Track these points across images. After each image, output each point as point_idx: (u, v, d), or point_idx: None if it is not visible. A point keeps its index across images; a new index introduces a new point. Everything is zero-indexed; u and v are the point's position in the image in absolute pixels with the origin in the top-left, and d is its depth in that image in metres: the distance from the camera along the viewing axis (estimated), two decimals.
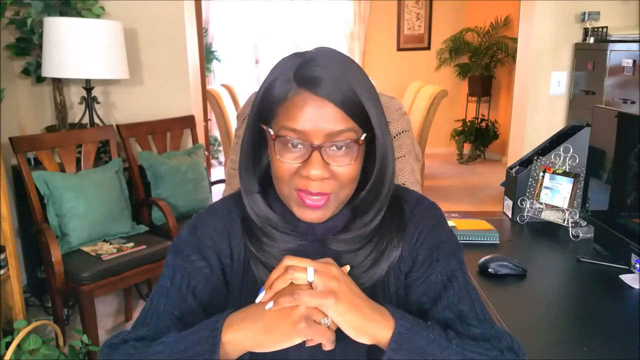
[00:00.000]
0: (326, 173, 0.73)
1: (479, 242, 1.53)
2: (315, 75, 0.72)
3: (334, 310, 0.66)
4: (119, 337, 0.74)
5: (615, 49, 2.73)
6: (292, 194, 0.76)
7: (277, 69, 0.76)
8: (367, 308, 0.68)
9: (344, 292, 0.67)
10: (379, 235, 0.80)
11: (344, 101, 0.72)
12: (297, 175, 0.74)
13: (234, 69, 6.08)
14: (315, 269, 0.68)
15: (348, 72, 0.74)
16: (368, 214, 0.80)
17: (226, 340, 0.67)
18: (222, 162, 5.58)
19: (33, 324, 1.73)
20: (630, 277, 1.31)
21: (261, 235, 0.81)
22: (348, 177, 0.75)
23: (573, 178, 1.61)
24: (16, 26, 2.57)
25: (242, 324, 0.68)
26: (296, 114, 0.72)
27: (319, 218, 0.76)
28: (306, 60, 0.74)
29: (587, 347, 1.02)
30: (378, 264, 0.79)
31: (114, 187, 2.42)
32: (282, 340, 0.66)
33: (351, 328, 0.67)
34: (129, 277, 2.22)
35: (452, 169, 5.75)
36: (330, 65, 0.73)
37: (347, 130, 0.73)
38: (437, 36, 6.11)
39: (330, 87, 0.71)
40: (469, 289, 0.79)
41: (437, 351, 0.67)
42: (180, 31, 2.99)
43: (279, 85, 0.74)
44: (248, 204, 0.82)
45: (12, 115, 2.61)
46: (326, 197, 0.75)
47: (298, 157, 0.74)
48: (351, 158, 0.74)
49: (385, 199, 0.81)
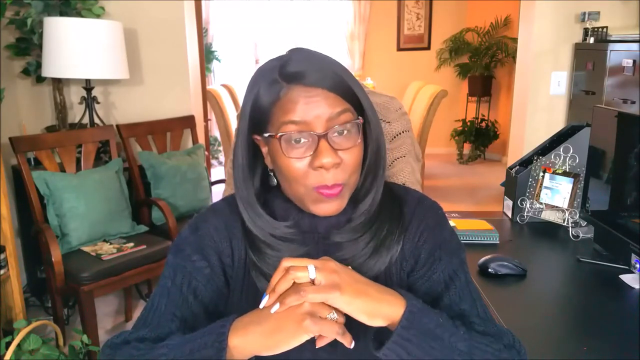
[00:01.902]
0: (337, 159, 0.74)
1: (479, 242, 1.53)
2: (299, 69, 0.74)
3: (341, 301, 0.66)
4: (120, 338, 0.73)
5: (615, 49, 2.73)
6: (309, 194, 0.76)
7: (259, 78, 0.78)
8: (374, 291, 0.69)
9: (347, 282, 0.68)
10: (377, 223, 0.81)
11: (334, 85, 0.74)
12: (311, 171, 0.74)
13: (234, 69, 6.08)
14: (315, 266, 0.68)
15: (328, 62, 0.77)
16: (366, 201, 0.81)
17: (233, 345, 0.67)
18: (222, 162, 5.57)
19: (33, 324, 1.73)
20: (630, 277, 1.31)
21: (265, 247, 0.80)
22: (355, 160, 0.76)
23: (573, 178, 1.61)
24: (16, 26, 2.57)
25: (248, 328, 0.68)
26: (293, 107, 0.73)
27: (336, 209, 0.77)
28: (285, 60, 0.76)
29: (587, 347, 1.02)
30: (379, 252, 0.79)
31: (114, 187, 2.42)
32: (289, 340, 0.66)
33: (362, 313, 0.67)
34: (129, 277, 2.22)
35: (452, 169, 5.75)
36: (309, 59, 0.76)
37: (344, 111, 0.75)
38: (437, 36, 6.11)
39: (317, 75, 0.74)
40: (471, 288, 0.79)
41: (445, 335, 0.67)
42: (180, 31, 2.99)
43: (266, 90, 0.76)
44: (248, 217, 0.81)
45: (12, 115, 2.61)
46: (341, 186, 0.75)
47: (305, 152, 0.74)
48: (355, 140, 0.75)
49: (381, 182, 0.82)
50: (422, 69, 6.15)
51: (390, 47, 6.24)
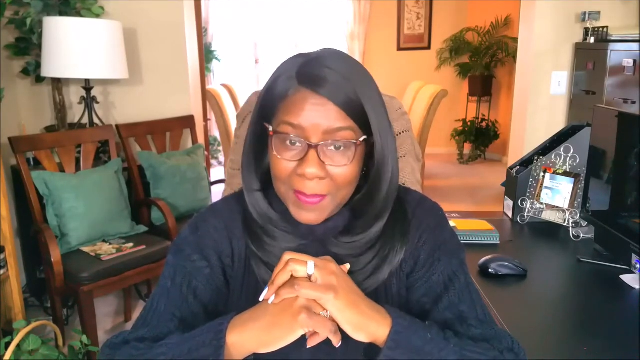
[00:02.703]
0: (322, 172, 0.72)
1: (480, 242, 1.53)
2: (319, 74, 0.72)
3: (332, 305, 0.66)
4: (119, 338, 0.73)
5: (615, 49, 2.72)
6: (288, 194, 0.76)
7: (281, 67, 0.77)
8: (365, 306, 0.68)
9: (342, 288, 0.68)
10: (381, 242, 0.79)
11: (345, 102, 0.71)
12: (294, 175, 0.73)
13: (233, 69, 6.08)
14: (315, 264, 0.68)
15: (353, 75, 0.73)
16: (365, 218, 0.79)
17: (230, 343, 0.67)
18: (222, 162, 5.57)
19: (32, 324, 1.73)
20: (631, 277, 1.30)
21: (262, 234, 0.80)
22: (344, 178, 0.74)
23: (573, 178, 1.61)
24: (16, 26, 2.57)
25: (246, 325, 0.68)
26: (295, 110, 0.72)
27: (315, 219, 0.76)
28: (311, 59, 0.74)
29: (587, 347, 1.02)
30: (380, 270, 0.79)
31: (114, 187, 2.41)
32: (286, 335, 0.66)
33: (349, 325, 0.67)
34: (129, 278, 2.21)
35: (452, 169, 5.75)
36: (336, 66, 0.73)
37: (345, 128, 0.72)
38: (437, 36, 6.11)
39: (333, 88, 0.71)
40: (470, 289, 0.78)
41: (434, 350, 0.67)
42: (180, 31, 2.98)
43: (281, 82, 0.75)
44: (249, 201, 0.81)
45: (12, 115, 2.61)
46: (322, 198, 0.74)
47: (295, 155, 0.73)
48: (349, 159, 0.73)
49: (383, 205, 0.79)
50: (422, 68, 6.14)
51: (391, 47, 6.24)
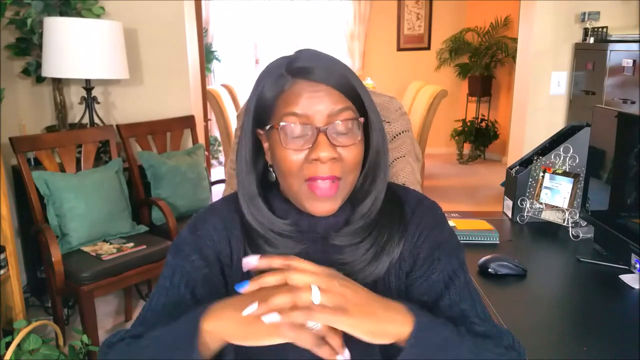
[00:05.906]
0: (335, 153, 0.74)
1: (479, 242, 1.53)
2: (308, 65, 0.76)
3: (346, 324, 0.63)
4: (117, 336, 0.74)
5: (615, 49, 2.73)
6: (302, 188, 0.76)
7: (265, 74, 0.80)
8: (381, 309, 0.66)
9: (353, 304, 0.64)
10: (378, 229, 0.80)
11: (339, 83, 0.75)
12: (306, 164, 0.74)
13: (234, 69, 6.08)
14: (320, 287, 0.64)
15: (335, 62, 0.78)
16: (365, 203, 0.81)
17: (206, 329, 0.65)
18: (222, 162, 5.57)
19: (33, 324, 1.73)
20: (630, 277, 1.31)
21: (263, 243, 0.80)
22: (353, 159, 0.76)
23: (573, 178, 1.61)
24: (16, 26, 2.57)
25: (223, 312, 0.66)
26: (296, 99, 0.74)
27: (329, 209, 0.77)
28: (294, 57, 0.78)
29: (587, 347, 1.02)
30: (379, 258, 0.79)
31: (114, 187, 2.42)
32: (262, 337, 0.63)
33: (367, 334, 0.64)
34: (129, 277, 2.21)
35: (452, 169, 5.75)
36: (319, 57, 0.78)
37: (346, 108, 0.75)
38: (437, 36, 6.11)
39: (324, 73, 0.75)
40: (470, 288, 0.79)
41: (453, 346, 0.67)
42: (180, 31, 2.99)
43: (271, 85, 0.77)
44: (249, 211, 0.81)
45: (12, 115, 2.61)
46: (336, 183, 0.75)
47: (304, 144, 0.75)
48: (355, 138, 0.76)
49: (381, 185, 0.82)
50: (422, 69, 6.14)
51: (390, 47, 6.24)
